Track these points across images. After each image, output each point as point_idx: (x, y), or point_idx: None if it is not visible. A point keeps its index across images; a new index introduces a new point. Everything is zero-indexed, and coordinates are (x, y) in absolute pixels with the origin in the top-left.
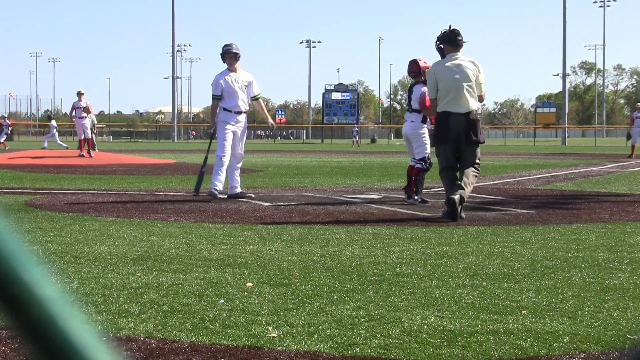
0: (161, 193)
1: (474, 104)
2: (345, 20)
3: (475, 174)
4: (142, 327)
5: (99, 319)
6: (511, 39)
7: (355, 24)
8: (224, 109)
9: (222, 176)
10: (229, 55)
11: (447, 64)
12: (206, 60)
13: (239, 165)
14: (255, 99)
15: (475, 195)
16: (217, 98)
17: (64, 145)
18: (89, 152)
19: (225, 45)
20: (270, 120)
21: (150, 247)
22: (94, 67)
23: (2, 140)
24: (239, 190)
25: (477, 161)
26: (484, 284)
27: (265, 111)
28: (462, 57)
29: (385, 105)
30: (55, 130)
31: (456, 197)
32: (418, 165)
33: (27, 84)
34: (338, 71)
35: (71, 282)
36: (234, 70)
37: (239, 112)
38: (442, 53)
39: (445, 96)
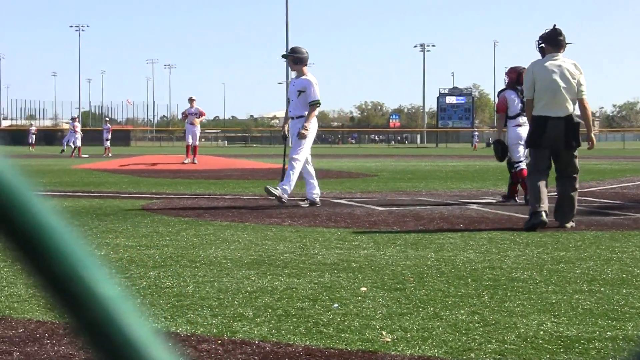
0: (274, 197)
1: (572, 107)
2: (459, 24)
3: (577, 188)
4: (256, 331)
5: (214, 322)
6: (632, 39)
7: (470, 28)
8: None
9: (307, 183)
10: (288, 59)
11: (546, 63)
12: (319, 65)
13: (291, 166)
14: (310, 104)
15: (593, 200)
16: (287, 102)
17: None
18: (193, 160)
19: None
20: (305, 125)
21: (265, 251)
22: (209, 73)
23: (73, 145)
24: (284, 195)
25: (577, 172)
26: (602, 289)
27: (309, 117)
28: (563, 59)
29: None
30: (73, 132)
31: (569, 225)
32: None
33: (143, 91)
34: (452, 75)
35: (187, 285)
36: (298, 75)
37: (292, 118)
38: (543, 53)
39: (542, 98)
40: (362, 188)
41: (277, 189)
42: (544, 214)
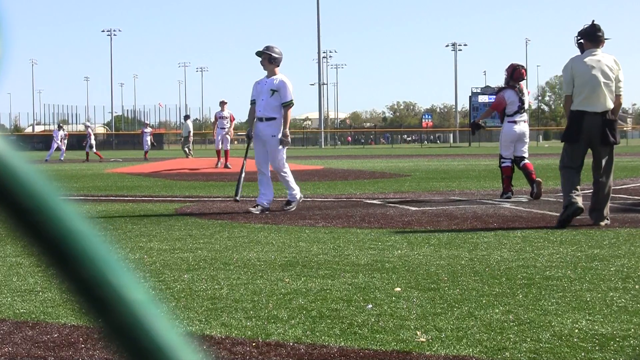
0: (309, 199)
1: (611, 103)
2: (490, 23)
3: (611, 186)
4: (291, 333)
5: (248, 324)
6: None
7: (501, 26)
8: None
9: (263, 188)
10: (263, 57)
11: (585, 59)
12: (352, 66)
13: (282, 175)
14: (284, 105)
15: (627, 197)
16: (251, 103)
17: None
18: (226, 165)
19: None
20: (285, 131)
21: (299, 253)
22: (241, 75)
23: (88, 149)
24: (293, 204)
25: (612, 170)
26: (637, 287)
27: (286, 122)
28: (602, 54)
29: (533, 107)
30: (59, 139)
31: (603, 223)
32: (528, 161)
33: (175, 94)
34: (484, 74)
35: (221, 288)
36: (269, 74)
37: (261, 119)
38: (582, 49)
39: (581, 93)
40: (395, 188)
41: (288, 205)
42: (579, 201)
